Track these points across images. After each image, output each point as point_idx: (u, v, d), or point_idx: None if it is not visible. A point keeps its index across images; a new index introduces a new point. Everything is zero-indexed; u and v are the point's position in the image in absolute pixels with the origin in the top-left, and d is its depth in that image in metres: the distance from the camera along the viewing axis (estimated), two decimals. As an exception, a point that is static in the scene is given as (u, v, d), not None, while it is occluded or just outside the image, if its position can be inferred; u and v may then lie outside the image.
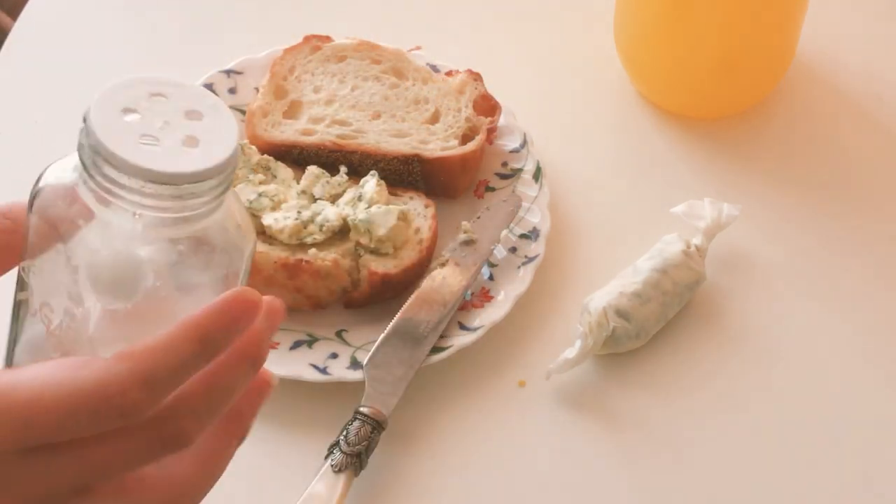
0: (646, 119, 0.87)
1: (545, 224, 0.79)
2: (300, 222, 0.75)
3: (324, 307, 0.76)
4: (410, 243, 0.77)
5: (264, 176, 0.79)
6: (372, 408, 0.70)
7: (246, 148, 0.79)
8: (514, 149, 0.82)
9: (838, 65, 0.90)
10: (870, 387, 0.75)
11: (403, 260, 0.76)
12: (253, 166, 0.79)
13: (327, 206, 0.77)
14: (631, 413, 0.74)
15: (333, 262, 0.74)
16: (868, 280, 0.80)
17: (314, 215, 0.76)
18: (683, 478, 0.72)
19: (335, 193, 0.78)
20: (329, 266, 0.74)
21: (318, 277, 0.74)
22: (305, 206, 0.77)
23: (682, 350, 0.76)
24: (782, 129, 0.86)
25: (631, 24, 0.85)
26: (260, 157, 0.79)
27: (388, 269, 0.75)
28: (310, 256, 0.74)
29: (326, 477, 0.68)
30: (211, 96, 0.46)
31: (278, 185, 0.78)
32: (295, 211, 0.76)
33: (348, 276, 0.75)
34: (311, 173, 0.78)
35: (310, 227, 0.76)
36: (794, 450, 0.73)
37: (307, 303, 0.75)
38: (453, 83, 0.83)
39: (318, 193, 0.78)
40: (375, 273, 0.75)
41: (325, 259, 0.74)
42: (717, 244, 0.79)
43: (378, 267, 0.75)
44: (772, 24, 0.82)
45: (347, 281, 0.75)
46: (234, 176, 0.46)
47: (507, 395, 0.75)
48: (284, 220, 0.76)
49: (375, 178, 0.78)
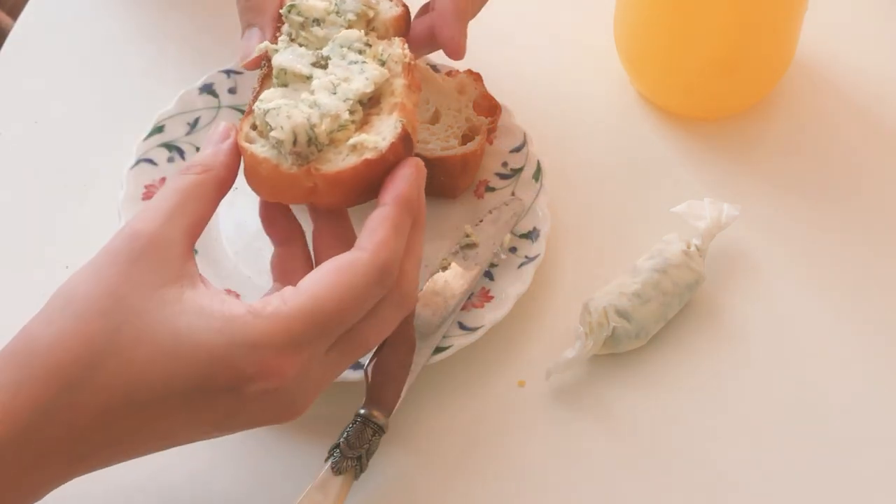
0: (646, 119, 0.87)
1: (545, 224, 0.79)
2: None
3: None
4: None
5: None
6: (373, 410, 0.70)
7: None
8: (514, 149, 0.82)
9: (838, 65, 0.90)
10: (870, 387, 0.75)
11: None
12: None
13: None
14: (631, 413, 0.74)
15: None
16: (868, 280, 0.80)
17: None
18: (683, 477, 0.72)
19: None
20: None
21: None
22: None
23: (682, 350, 0.76)
24: (782, 129, 0.86)
25: (631, 25, 0.85)
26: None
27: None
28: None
29: (326, 479, 0.68)
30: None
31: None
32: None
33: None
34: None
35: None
36: (794, 449, 0.73)
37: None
38: (453, 83, 0.83)
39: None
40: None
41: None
42: (717, 244, 0.79)
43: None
44: (772, 24, 0.82)
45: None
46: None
47: (507, 395, 0.75)
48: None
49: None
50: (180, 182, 0.62)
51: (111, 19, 0.94)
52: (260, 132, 0.65)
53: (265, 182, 0.64)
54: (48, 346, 0.56)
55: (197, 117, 0.83)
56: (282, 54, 0.67)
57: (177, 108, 0.83)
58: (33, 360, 0.56)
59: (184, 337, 0.57)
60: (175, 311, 0.57)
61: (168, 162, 0.81)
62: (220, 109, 0.83)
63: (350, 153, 0.64)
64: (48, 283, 0.79)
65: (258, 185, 0.65)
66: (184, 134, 0.82)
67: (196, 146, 0.82)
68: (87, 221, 0.82)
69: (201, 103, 0.83)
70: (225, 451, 0.72)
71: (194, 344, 0.57)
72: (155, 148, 0.82)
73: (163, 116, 0.82)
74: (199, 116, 0.83)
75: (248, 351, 0.57)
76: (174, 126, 0.82)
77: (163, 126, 0.82)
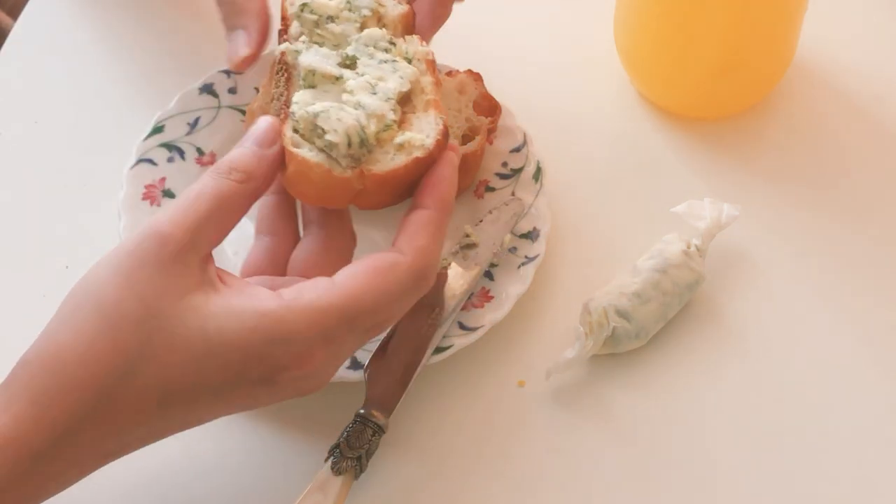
0: (646, 119, 0.87)
1: (545, 224, 0.79)
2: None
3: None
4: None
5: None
6: (372, 410, 0.70)
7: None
8: (514, 149, 0.82)
9: (838, 65, 0.90)
10: (871, 386, 0.75)
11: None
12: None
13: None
14: (631, 413, 0.74)
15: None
16: (869, 280, 0.80)
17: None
18: (683, 477, 0.72)
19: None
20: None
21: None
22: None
23: (682, 350, 0.76)
24: (782, 129, 0.86)
25: (631, 25, 0.85)
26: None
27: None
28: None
29: (326, 479, 0.68)
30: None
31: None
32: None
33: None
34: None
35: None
36: (794, 449, 0.73)
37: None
38: (453, 83, 0.83)
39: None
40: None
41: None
42: (717, 244, 0.79)
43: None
44: (772, 24, 0.82)
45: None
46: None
47: (507, 395, 0.75)
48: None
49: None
50: (217, 186, 0.60)
51: (111, 19, 0.94)
52: (303, 136, 0.63)
53: (313, 187, 0.63)
54: (81, 355, 0.56)
55: (197, 117, 0.83)
56: (307, 55, 0.66)
57: (177, 108, 0.83)
58: (66, 370, 0.56)
59: (215, 340, 0.57)
60: (204, 316, 0.57)
61: (168, 162, 0.81)
62: (219, 109, 0.83)
63: (397, 152, 0.64)
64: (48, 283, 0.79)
65: (304, 189, 0.63)
66: (184, 134, 0.82)
67: (196, 146, 0.82)
68: (87, 221, 0.82)
69: (201, 103, 0.83)
70: (225, 451, 0.72)
71: (227, 345, 0.57)
72: (155, 148, 0.82)
73: (163, 116, 0.82)
74: (199, 116, 0.83)
75: (283, 345, 0.57)
76: (174, 126, 0.82)
77: (163, 126, 0.82)
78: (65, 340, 0.57)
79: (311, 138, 0.63)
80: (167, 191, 0.81)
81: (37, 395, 0.56)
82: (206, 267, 0.59)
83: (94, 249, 0.80)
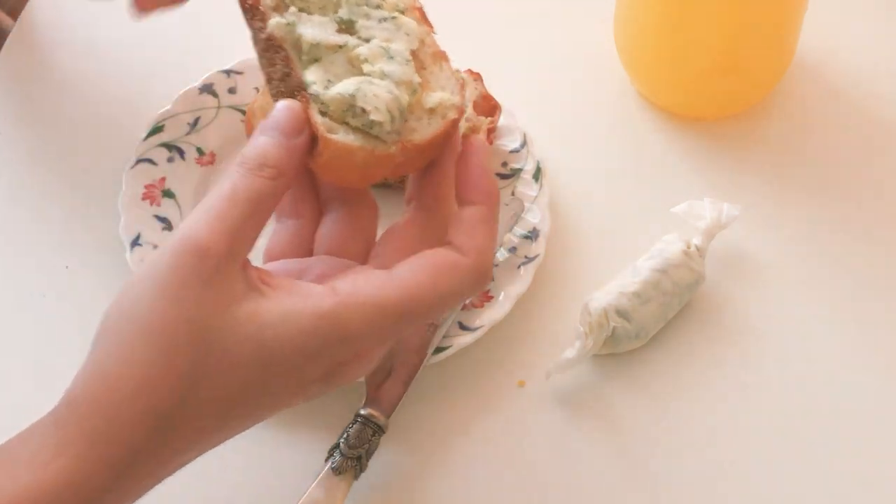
0: (646, 119, 0.87)
1: (545, 224, 0.79)
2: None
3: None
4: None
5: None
6: (372, 410, 0.70)
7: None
8: (514, 149, 0.82)
9: (838, 65, 0.90)
10: (871, 386, 0.75)
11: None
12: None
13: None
14: (631, 413, 0.74)
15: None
16: (868, 280, 0.80)
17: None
18: (684, 477, 0.72)
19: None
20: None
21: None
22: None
23: (682, 350, 0.76)
24: (782, 129, 0.86)
25: (631, 24, 0.85)
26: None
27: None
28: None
29: (326, 479, 0.68)
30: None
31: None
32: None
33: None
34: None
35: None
36: (794, 449, 0.73)
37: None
38: (453, 83, 0.83)
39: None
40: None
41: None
42: (717, 244, 0.79)
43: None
44: (772, 24, 0.82)
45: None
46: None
47: (507, 395, 0.75)
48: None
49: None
50: (250, 187, 0.56)
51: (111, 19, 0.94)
52: (332, 118, 0.58)
53: (356, 170, 0.59)
54: (135, 386, 0.53)
55: (197, 117, 0.83)
56: (305, 27, 0.61)
57: (177, 108, 0.83)
58: (121, 404, 0.53)
59: (274, 349, 0.54)
60: (259, 325, 0.54)
61: (168, 162, 0.81)
62: (219, 109, 0.83)
63: (430, 117, 0.60)
64: (48, 283, 0.80)
65: (345, 174, 0.59)
66: (184, 134, 0.82)
67: (196, 146, 0.82)
68: (87, 221, 0.82)
69: (201, 103, 0.83)
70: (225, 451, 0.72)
71: (287, 353, 0.55)
72: (155, 148, 0.82)
73: (163, 116, 0.82)
74: (199, 116, 0.83)
75: (343, 344, 0.55)
76: (174, 126, 0.82)
77: (163, 126, 0.82)
78: (114, 373, 0.54)
79: (345, 119, 0.58)
80: (167, 191, 0.81)
81: (92, 433, 0.53)
82: (246, 273, 0.56)
83: (94, 249, 0.81)
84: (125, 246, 0.78)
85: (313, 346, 0.55)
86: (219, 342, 0.54)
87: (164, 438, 0.54)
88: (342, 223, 0.62)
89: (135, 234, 0.78)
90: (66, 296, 0.79)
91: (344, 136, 0.58)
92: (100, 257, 0.80)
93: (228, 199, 0.55)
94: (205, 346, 0.54)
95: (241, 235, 0.55)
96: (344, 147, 0.58)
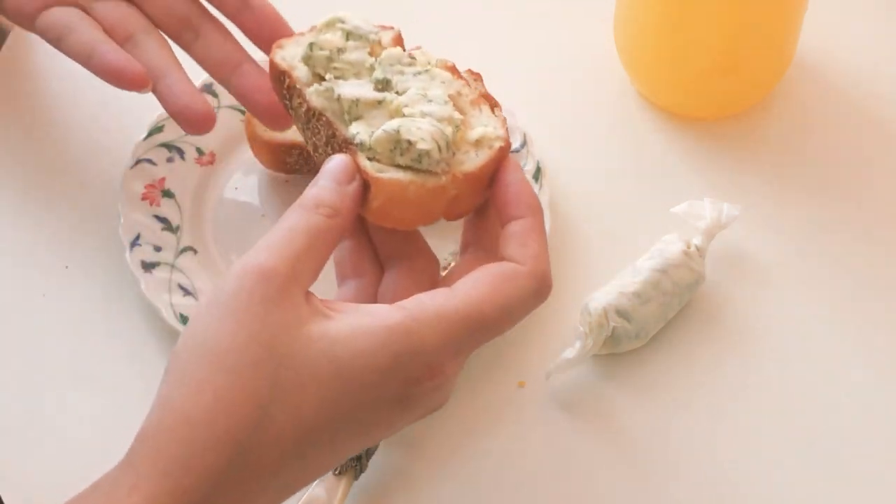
0: (646, 119, 0.87)
1: (545, 224, 0.79)
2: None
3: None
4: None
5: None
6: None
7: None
8: (515, 149, 0.82)
9: (838, 65, 0.90)
10: (871, 386, 0.75)
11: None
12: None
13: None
14: (631, 413, 0.74)
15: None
16: (868, 280, 0.80)
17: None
18: (684, 477, 0.72)
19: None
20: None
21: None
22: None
23: (682, 350, 0.76)
24: (782, 129, 0.86)
25: (631, 24, 0.85)
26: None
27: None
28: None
29: (326, 479, 0.68)
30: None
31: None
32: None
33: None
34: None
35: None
36: (794, 449, 0.73)
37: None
38: (453, 83, 0.83)
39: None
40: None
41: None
42: (717, 244, 0.79)
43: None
44: (771, 24, 0.82)
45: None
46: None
47: (506, 395, 0.75)
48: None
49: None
50: (308, 221, 0.57)
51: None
52: (379, 160, 0.60)
53: (410, 207, 0.60)
54: (208, 413, 0.52)
55: (197, 117, 0.83)
56: (344, 88, 0.63)
57: (177, 108, 0.83)
58: (195, 433, 0.52)
59: (347, 364, 0.54)
60: (330, 342, 0.54)
61: (167, 162, 0.81)
62: (219, 109, 0.83)
63: (477, 149, 0.62)
64: (48, 283, 0.80)
65: (401, 214, 0.61)
66: (183, 133, 0.82)
67: (196, 146, 0.82)
68: (87, 221, 0.82)
69: (201, 103, 0.83)
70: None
71: (361, 367, 0.54)
72: (154, 148, 0.82)
73: (163, 116, 0.82)
74: (199, 116, 0.83)
75: (415, 356, 0.55)
76: (174, 126, 0.82)
77: (162, 126, 0.82)
78: (186, 402, 0.53)
79: (393, 158, 0.60)
80: (167, 191, 0.81)
81: (168, 465, 0.52)
82: (310, 299, 0.56)
83: (94, 249, 0.81)
84: (125, 246, 0.78)
85: (385, 360, 0.54)
86: (290, 360, 0.53)
87: (242, 466, 0.53)
88: (403, 276, 0.62)
89: (134, 235, 0.78)
90: (66, 296, 0.79)
91: (395, 174, 0.59)
92: (100, 257, 0.80)
93: (287, 232, 0.56)
94: (276, 365, 0.53)
95: (301, 264, 0.56)
96: (396, 184, 0.59)
